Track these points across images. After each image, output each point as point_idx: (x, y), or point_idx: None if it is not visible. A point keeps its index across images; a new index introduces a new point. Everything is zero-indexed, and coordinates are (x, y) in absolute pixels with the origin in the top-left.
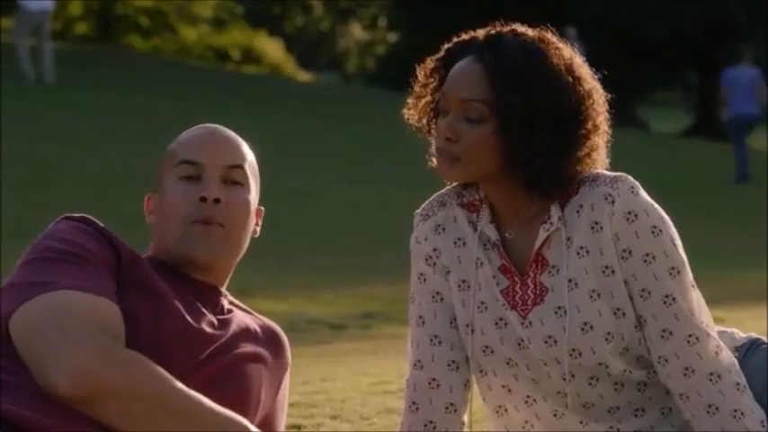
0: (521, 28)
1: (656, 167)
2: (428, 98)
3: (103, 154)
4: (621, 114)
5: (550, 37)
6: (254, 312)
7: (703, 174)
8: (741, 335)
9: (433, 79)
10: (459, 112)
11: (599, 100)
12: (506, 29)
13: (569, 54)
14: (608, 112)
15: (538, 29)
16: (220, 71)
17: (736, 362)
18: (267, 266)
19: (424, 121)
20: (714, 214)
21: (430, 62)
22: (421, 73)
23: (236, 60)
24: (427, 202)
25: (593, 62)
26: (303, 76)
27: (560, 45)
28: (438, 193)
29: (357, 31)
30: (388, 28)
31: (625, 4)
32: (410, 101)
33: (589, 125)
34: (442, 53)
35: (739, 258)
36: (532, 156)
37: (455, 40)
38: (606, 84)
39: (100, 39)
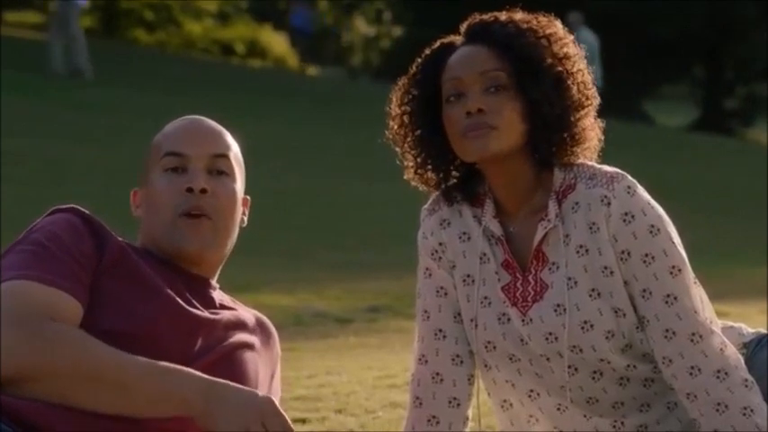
0: (486, 15)
1: (661, 162)
2: (409, 109)
3: (114, 151)
4: (627, 108)
5: (520, 13)
6: (241, 305)
7: (707, 169)
8: (749, 330)
9: (410, 96)
10: (481, 87)
11: (587, 78)
12: (476, 19)
13: (545, 21)
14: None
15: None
16: (226, 65)
17: (741, 358)
18: (276, 262)
19: (413, 132)
20: (717, 209)
21: (406, 81)
22: (398, 92)
23: (240, 54)
24: (434, 196)
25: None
26: (308, 69)
27: (546, 22)
28: (444, 187)
29: (362, 26)
30: (393, 22)
31: None
32: (392, 122)
33: (589, 83)
34: (419, 67)
35: (743, 254)
36: (548, 113)
37: (428, 50)
38: (613, 77)
39: (104, 33)
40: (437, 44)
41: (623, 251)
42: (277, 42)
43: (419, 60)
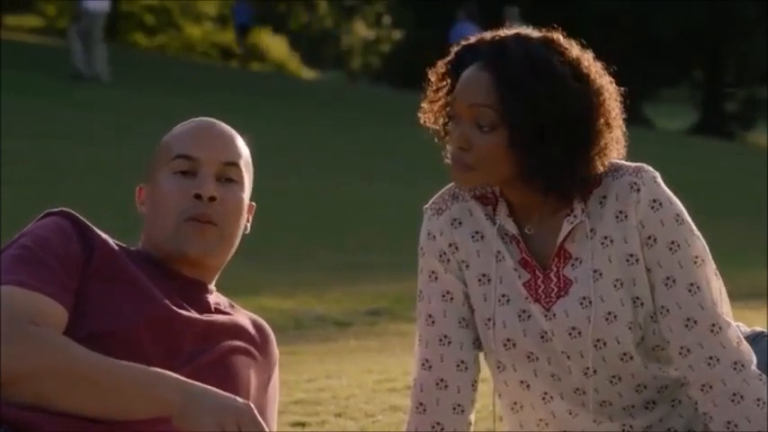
0: (525, 31)
1: (662, 162)
2: (441, 102)
3: (114, 151)
4: (626, 111)
5: (557, 38)
6: (239, 308)
7: (708, 170)
8: (745, 328)
9: (444, 83)
10: (471, 119)
11: (610, 97)
12: (511, 33)
13: (577, 54)
14: (621, 103)
15: (545, 30)
16: (225, 69)
17: (753, 353)
18: (276, 264)
19: (440, 124)
20: (718, 210)
21: (441, 66)
22: (433, 77)
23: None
24: (437, 195)
25: (598, 57)
26: (307, 73)
27: (567, 46)
28: (448, 186)
29: (362, 29)
30: (393, 25)
31: None
32: (424, 104)
33: (600, 123)
34: (451, 56)
35: (743, 255)
36: (545, 162)
37: (463, 43)
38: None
39: (105, 37)
40: (469, 40)
41: (650, 236)
42: (276, 46)
43: (455, 50)
